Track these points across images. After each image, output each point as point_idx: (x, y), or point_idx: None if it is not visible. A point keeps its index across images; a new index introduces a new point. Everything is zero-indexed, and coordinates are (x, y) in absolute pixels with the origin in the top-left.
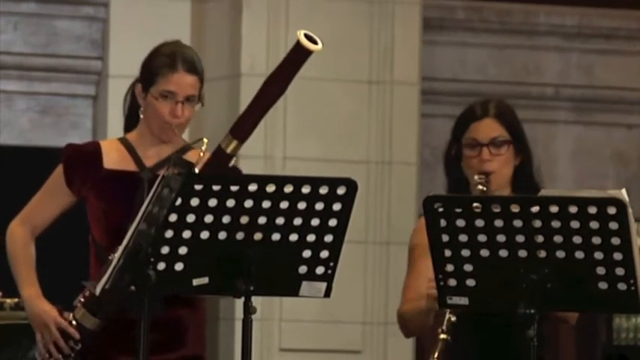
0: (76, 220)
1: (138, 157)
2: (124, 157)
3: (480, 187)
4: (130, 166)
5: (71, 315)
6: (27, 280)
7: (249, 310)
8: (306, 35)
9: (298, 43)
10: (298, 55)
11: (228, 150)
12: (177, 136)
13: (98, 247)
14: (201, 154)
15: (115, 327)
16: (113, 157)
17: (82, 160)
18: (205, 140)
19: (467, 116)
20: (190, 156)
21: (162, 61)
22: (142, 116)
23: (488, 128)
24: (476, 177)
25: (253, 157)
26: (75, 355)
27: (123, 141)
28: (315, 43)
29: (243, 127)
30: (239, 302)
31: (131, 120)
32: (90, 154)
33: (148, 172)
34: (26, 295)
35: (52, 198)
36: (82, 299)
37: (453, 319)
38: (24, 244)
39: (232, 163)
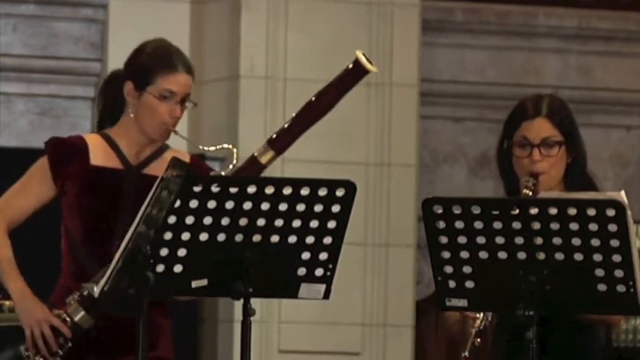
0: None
1: (122, 155)
2: (109, 154)
3: (526, 190)
4: (115, 163)
5: (63, 312)
6: (12, 274)
7: (248, 311)
8: (363, 55)
9: (357, 62)
10: (354, 73)
11: (263, 160)
12: (168, 137)
13: (72, 241)
14: (231, 165)
15: (104, 326)
16: (99, 154)
17: (69, 153)
18: (234, 149)
19: (519, 114)
20: (169, 155)
21: (159, 60)
22: (131, 115)
23: (540, 128)
24: (523, 180)
25: None
26: (64, 354)
27: (105, 137)
28: (371, 63)
29: (283, 140)
30: (238, 304)
31: (107, 117)
32: (77, 147)
33: (133, 170)
34: (14, 289)
35: (32, 192)
36: (78, 297)
37: (477, 342)
38: (1, 237)
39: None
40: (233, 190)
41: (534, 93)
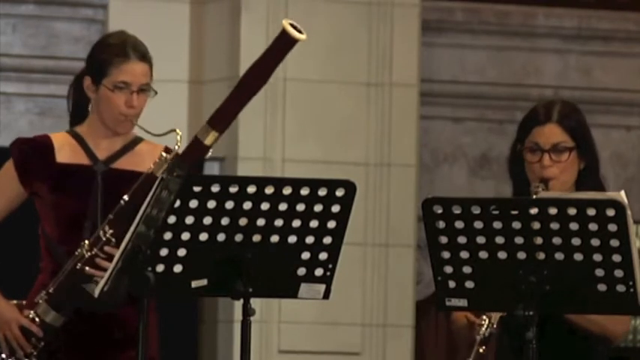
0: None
1: (90, 151)
2: (76, 150)
3: (535, 196)
4: (83, 159)
5: (32, 312)
6: None
7: (247, 311)
8: (291, 25)
9: (284, 32)
10: (283, 43)
11: (207, 142)
12: (131, 128)
13: (49, 240)
14: (176, 146)
15: (76, 324)
16: (65, 151)
17: (34, 154)
18: (179, 132)
19: (530, 119)
20: (141, 148)
21: (112, 51)
22: (92, 109)
23: (551, 134)
24: (533, 186)
25: (252, 159)
26: (38, 353)
27: (73, 134)
28: (300, 32)
29: (224, 118)
30: (238, 304)
31: (77, 114)
32: (42, 147)
33: (101, 165)
34: None
35: (2, 196)
36: (45, 295)
37: (482, 350)
38: None
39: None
40: (233, 190)
41: (548, 99)
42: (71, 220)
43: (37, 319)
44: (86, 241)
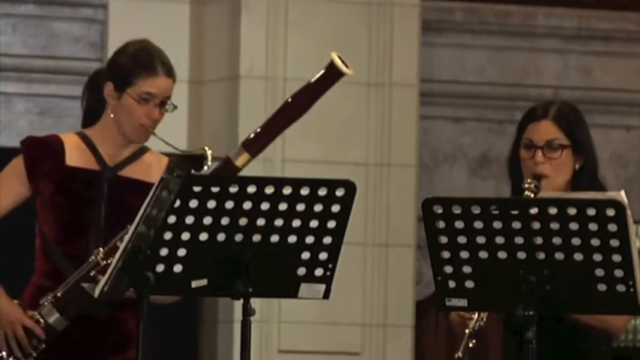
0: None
1: (100, 156)
2: (86, 154)
3: (527, 192)
4: (92, 164)
5: (37, 313)
6: None
7: (247, 311)
8: (338, 57)
9: (332, 64)
10: (330, 76)
11: (238, 163)
12: (147, 138)
13: (46, 241)
14: (206, 166)
15: (75, 326)
16: (75, 154)
17: (44, 154)
18: (209, 150)
19: (527, 116)
20: (148, 158)
21: (139, 62)
22: (111, 115)
23: (545, 130)
24: (525, 181)
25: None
26: (37, 355)
27: (83, 137)
28: (347, 66)
29: (259, 142)
30: (238, 304)
31: (89, 117)
32: (53, 147)
33: (110, 171)
34: None
35: (7, 192)
36: (52, 298)
37: (471, 344)
38: None
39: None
40: (233, 190)
41: (548, 99)
42: (72, 223)
43: (41, 321)
44: (101, 249)
